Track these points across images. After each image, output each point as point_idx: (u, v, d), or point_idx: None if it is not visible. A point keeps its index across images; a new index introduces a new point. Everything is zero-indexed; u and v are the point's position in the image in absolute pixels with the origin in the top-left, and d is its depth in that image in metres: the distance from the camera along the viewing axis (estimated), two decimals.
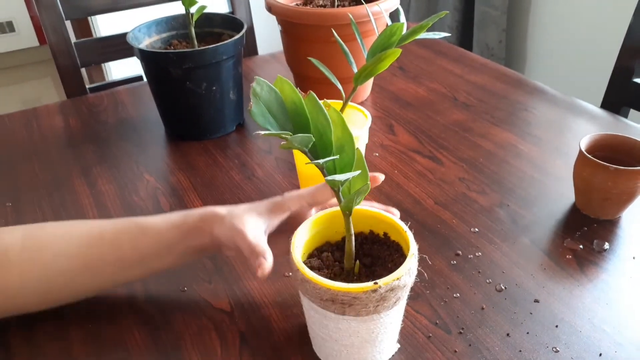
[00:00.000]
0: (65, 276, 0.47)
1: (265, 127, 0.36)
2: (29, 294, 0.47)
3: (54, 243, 0.48)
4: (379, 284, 0.38)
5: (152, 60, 0.78)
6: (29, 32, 2.81)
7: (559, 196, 0.66)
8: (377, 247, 0.45)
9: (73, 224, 0.51)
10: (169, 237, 0.48)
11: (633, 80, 0.90)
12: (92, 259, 0.48)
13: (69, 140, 0.84)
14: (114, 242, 0.48)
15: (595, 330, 0.49)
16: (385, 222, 0.46)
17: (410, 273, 0.40)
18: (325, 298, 0.38)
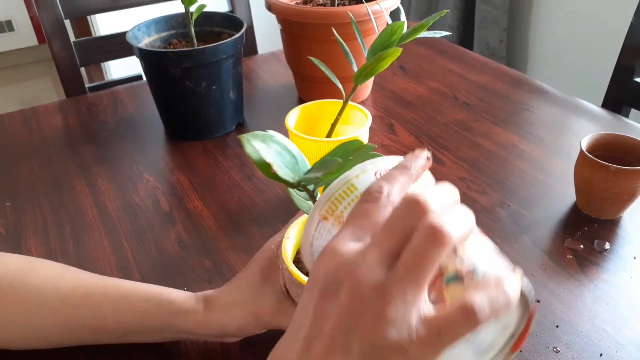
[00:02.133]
0: (46, 329, 0.46)
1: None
2: (8, 334, 0.46)
3: (40, 292, 0.45)
4: None
5: (151, 59, 0.77)
6: (28, 32, 2.81)
7: (559, 196, 0.66)
8: None
9: (63, 273, 0.48)
10: (155, 320, 0.46)
11: (634, 79, 0.89)
12: (72, 320, 0.45)
13: (69, 140, 0.84)
14: (97, 310, 0.45)
15: (596, 330, 0.49)
16: None
17: None
18: None
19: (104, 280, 0.47)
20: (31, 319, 0.45)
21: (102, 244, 0.62)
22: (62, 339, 0.47)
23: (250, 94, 0.96)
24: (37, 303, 0.45)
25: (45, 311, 0.45)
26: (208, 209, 0.67)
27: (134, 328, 0.45)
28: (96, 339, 0.47)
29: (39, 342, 0.47)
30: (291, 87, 0.97)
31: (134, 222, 0.65)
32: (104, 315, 0.45)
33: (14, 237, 0.64)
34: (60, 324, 0.45)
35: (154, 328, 0.45)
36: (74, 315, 0.45)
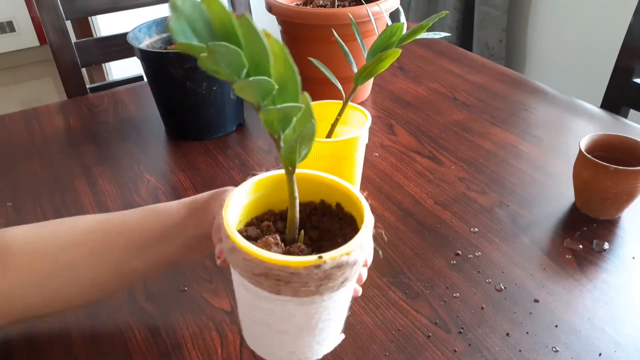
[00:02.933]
0: (71, 268, 0.44)
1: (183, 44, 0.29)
2: (34, 293, 0.44)
3: (59, 235, 0.45)
4: (323, 258, 0.31)
5: (152, 60, 0.78)
6: (29, 32, 2.81)
7: (558, 196, 0.66)
8: (327, 219, 0.39)
9: (78, 217, 0.48)
10: (177, 216, 0.45)
11: (633, 80, 0.90)
12: (98, 244, 0.45)
13: (70, 140, 0.84)
14: (121, 224, 0.45)
15: (595, 330, 0.49)
16: (339, 190, 0.39)
17: (362, 248, 0.33)
18: (257, 272, 0.32)
19: (111, 213, 0.48)
20: (53, 264, 0.44)
21: None
22: (90, 272, 0.45)
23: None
24: (56, 245, 0.44)
25: (67, 248, 0.44)
26: None
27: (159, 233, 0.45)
28: (122, 265, 0.45)
29: (68, 290, 0.45)
30: None
31: None
32: (128, 227, 0.45)
33: None
34: (85, 254, 0.44)
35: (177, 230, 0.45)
36: (97, 240, 0.45)
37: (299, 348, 0.36)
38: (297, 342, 0.36)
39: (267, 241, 0.34)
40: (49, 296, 0.45)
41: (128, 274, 0.46)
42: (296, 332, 0.35)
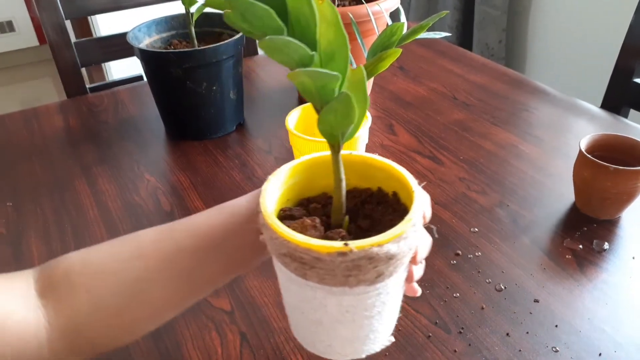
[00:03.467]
0: (138, 283, 0.39)
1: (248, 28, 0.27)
2: (100, 318, 0.39)
3: (119, 251, 0.40)
4: (350, 245, 0.28)
5: (152, 60, 0.78)
6: (28, 32, 2.81)
7: (558, 196, 0.66)
8: (381, 208, 0.36)
9: (138, 232, 0.42)
10: (242, 211, 0.40)
11: (633, 80, 0.90)
12: (165, 252, 0.40)
13: (70, 140, 0.84)
14: (187, 227, 0.41)
15: (595, 330, 0.49)
16: (396, 178, 0.35)
17: (400, 242, 0.30)
18: (282, 252, 0.30)
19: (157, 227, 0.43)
20: (119, 279, 0.39)
21: None
22: (166, 281, 0.40)
23: (250, 95, 0.96)
24: (119, 258, 0.40)
25: (134, 259, 0.39)
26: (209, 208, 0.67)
27: (225, 233, 0.40)
28: (198, 264, 0.40)
29: (138, 307, 0.40)
30: (291, 87, 0.97)
31: (135, 222, 0.66)
32: (196, 227, 0.40)
33: (15, 237, 0.64)
34: (155, 261, 0.39)
35: (234, 232, 0.40)
36: (166, 247, 0.40)
37: (337, 342, 0.34)
38: (332, 335, 0.34)
39: (304, 223, 0.32)
40: (116, 322, 0.39)
41: (200, 282, 0.41)
42: (330, 324, 0.33)
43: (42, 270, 0.40)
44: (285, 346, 0.49)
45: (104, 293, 0.39)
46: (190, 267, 0.40)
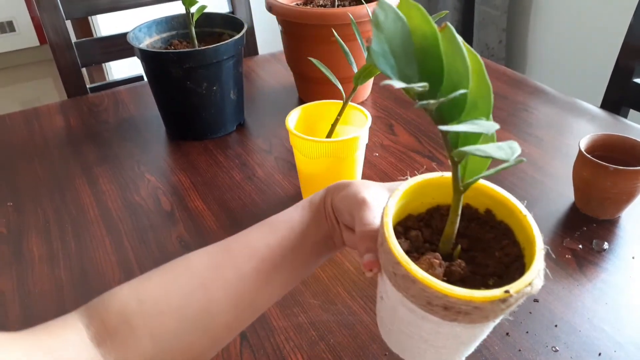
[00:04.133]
0: (203, 316, 0.37)
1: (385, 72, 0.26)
2: (166, 359, 0.37)
3: (174, 279, 0.38)
4: (510, 292, 0.29)
5: (152, 60, 0.78)
6: (29, 32, 2.81)
7: (558, 196, 0.66)
8: (475, 226, 0.36)
9: (188, 256, 0.40)
10: (297, 224, 0.40)
11: (633, 80, 0.90)
12: (226, 280, 0.38)
13: (70, 140, 0.85)
14: (244, 249, 0.39)
15: (595, 329, 0.49)
16: (490, 196, 0.35)
17: (540, 275, 0.31)
18: (435, 303, 0.30)
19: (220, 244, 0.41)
20: (184, 311, 0.37)
21: (104, 243, 0.62)
22: (230, 309, 0.38)
23: (251, 95, 0.96)
24: (178, 296, 0.37)
25: (194, 295, 0.37)
26: (209, 208, 0.68)
27: (284, 251, 0.39)
28: (260, 286, 0.39)
29: (208, 331, 0.38)
30: (291, 87, 0.97)
31: (136, 222, 0.66)
32: (255, 250, 0.39)
33: (16, 236, 0.64)
34: (216, 293, 0.38)
35: (303, 236, 0.40)
36: (227, 275, 0.38)
37: (451, 357, 0.35)
38: (452, 354, 0.35)
39: (431, 262, 0.32)
40: (184, 352, 0.37)
41: (262, 303, 0.40)
42: (455, 347, 0.34)
43: (91, 313, 0.36)
44: (285, 345, 0.49)
45: (168, 334, 0.36)
46: (252, 291, 0.38)
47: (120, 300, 0.37)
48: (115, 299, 0.37)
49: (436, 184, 0.35)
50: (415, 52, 0.26)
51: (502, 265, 0.33)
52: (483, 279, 0.32)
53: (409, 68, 0.26)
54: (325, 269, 0.57)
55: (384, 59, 0.26)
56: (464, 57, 0.26)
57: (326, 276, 0.56)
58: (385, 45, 0.26)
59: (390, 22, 0.26)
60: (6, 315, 0.53)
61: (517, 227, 0.34)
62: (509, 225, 0.35)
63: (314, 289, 0.55)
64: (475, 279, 0.32)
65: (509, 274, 0.32)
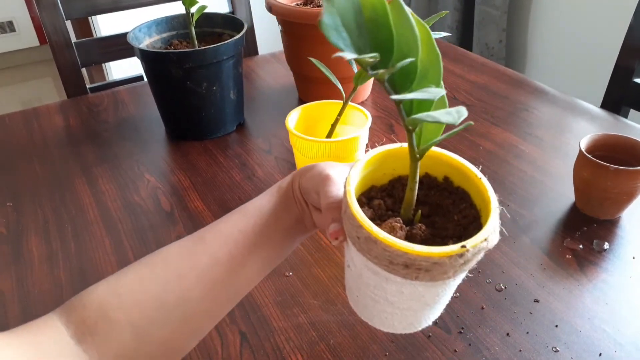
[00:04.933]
0: (181, 305, 0.38)
1: (337, 44, 0.27)
2: (149, 349, 0.37)
3: (150, 272, 0.38)
4: (467, 247, 0.30)
5: (152, 60, 0.78)
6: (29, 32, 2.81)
7: (559, 196, 0.66)
8: (435, 193, 0.37)
9: (162, 251, 0.40)
10: (269, 209, 0.41)
11: (633, 80, 0.90)
12: (202, 269, 0.38)
13: (70, 140, 0.84)
14: (218, 237, 0.40)
15: (595, 330, 0.49)
16: (447, 163, 0.37)
17: (496, 231, 0.33)
18: (397, 262, 0.31)
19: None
20: (164, 300, 0.37)
21: (103, 243, 0.62)
22: (208, 296, 0.39)
23: (250, 95, 0.96)
24: (158, 285, 0.38)
25: (172, 284, 0.38)
26: (209, 208, 0.67)
27: (258, 229, 0.40)
28: (234, 273, 0.39)
29: (187, 319, 0.38)
30: (291, 87, 0.97)
31: (135, 222, 0.66)
32: (229, 237, 0.39)
33: (15, 236, 0.64)
34: (194, 281, 0.38)
35: (275, 220, 0.40)
36: (203, 263, 0.39)
37: (418, 320, 0.37)
38: (416, 316, 0.36)
39: (393, 226, 0.33)
40: (164, 349, 0.38)
41: (238, 287, 0.41)
42: (419, 308, 0.35)
43: (69, 311, 0.36)
44: (285, 346, 0.49)
45: (148, 324, 0.37)
46: (228, 276, 0.39)
47: (98, 296, 0.37)
48: (93, 296, 0.37)
49: (396, 155, 0.37)
50: (366, 24, 0.27)
51: (460, 227, 0.34)
52: (443, 240, 0.33)
53: (360, 40, 0.27)
54: (325, 269, 0.57)
55: (336, 32, 0.27)
56: (413, 27, 0.26)
57: (326, 276, 0.56)
58: (337, 18, 0.27)
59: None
60: (5, 315, 0.53)
61: (473, 191, 0.36)
62: (466, 190, 0.36)
63: (314, 289, 0.55)
64: (435, 241, 0.33)
65: (467, 234, 0.33)
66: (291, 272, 0.57)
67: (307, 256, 0.59)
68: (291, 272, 0.57)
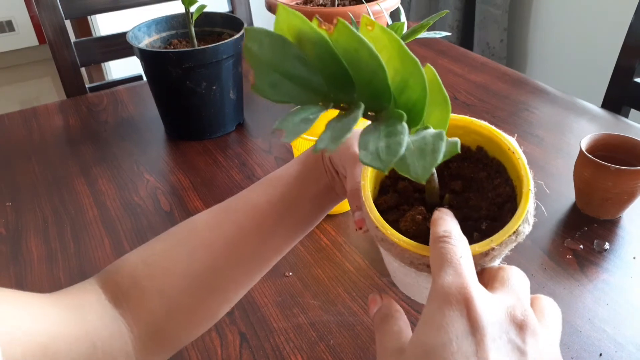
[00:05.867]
0: (209, 274, 0.38)
1: (282, 100, 0.25)
2: (178, 317, 0.38)
3: (177, 242, 0.39)
4: (492, 245, 0.28)
5: (152, 59, 0.77)
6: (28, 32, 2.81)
7: (559, 196, 0.66)
8: (468, 165, 0.33)
9: (191, 220, 0.40)
10: (296, 179, 0.40)
11: (634, 79, 0.89)
12: (230, 238, 0.38)
13: (69, 140, 0.84)
14: (247, 207, 0.40)
15: (596, 330, 0.49)
16: (480, 133, 0.33)
17: (528, 218, 0.30)
18: (418, 263, 0.29)
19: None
20: (191, 268, 0.38)
21: (103, 243, 0.62)
22: (229, 261, 0.39)
23: (250, 94, 0.96)
24: (186, 254, 0.38)
25: (199, 252, 0.38)
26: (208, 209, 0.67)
27: (284, 205, 0.39)
28: (262, 242, 0.39)
29: (217, 289, 0.39)
30: None
31: (135, 222, 0.65)
32: (257, 207, 0.39)
33: (15, 236, 0.64)
34: (221, 250, 0.38)
35: (302, 188, 0.40)
36: (230, 233, 0.39)
37: None
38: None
39: (415, 219, 0.30)
40: (194, 318, 0.38)
41: (266, 257, 0.40)
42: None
43: (105, 278, 0.38)
44: (285, 347, 0.48)
45: (176, 293, 0.37)
46: (255, 247, 0.39)
47: (130, 264, 0.38)
48: (125, 264, 0.38)
49: None
50: (313, 60, 0.23)
51: (494, 206, 0.31)
52: (475, 223, 0.30)
53: (313, 79, 0.24)
54: (326, 269, 0.57)
55: (274, 90, 0.24)
56: (369, 48, 0.22)
57: (326, 277, 0.56)
58: (272, 74, 0.23)
59: (266, 49, 0.23)
60: None
61: (508, 164, 0.32)
62: (502, 162, 0.32)
63: (314, 289, 0.54)
64: (467, 225, 0.30)
65: (501, 216, 0.30)
66: (291, 273, 0.57)
67: (307, 256, 0.59)
68: (291, 272, 0.57)
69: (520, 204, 0.29)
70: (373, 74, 0.23)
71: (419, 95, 0.24)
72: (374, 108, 0.25)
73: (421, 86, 0.24)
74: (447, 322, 0.24)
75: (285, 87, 0.24)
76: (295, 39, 0.23)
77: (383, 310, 0.30)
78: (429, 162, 0.22)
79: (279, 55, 0.23)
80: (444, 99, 0.26)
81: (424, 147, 0.23)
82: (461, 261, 0.26)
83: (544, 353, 0.24)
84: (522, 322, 0.25)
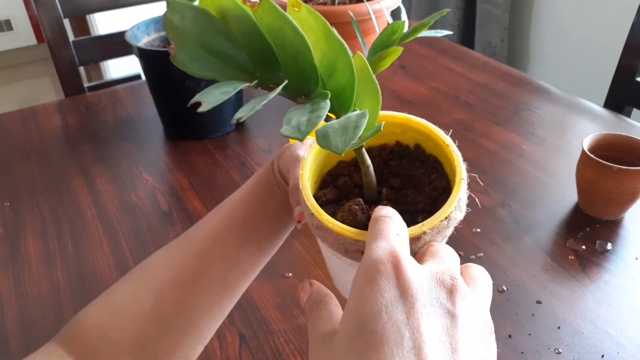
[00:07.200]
0: (174, 301, 0.37)
1: (204, 75, 0.24)
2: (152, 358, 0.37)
3: (139, 284, 0.38)
4: (423, 229, 0.28)
5: (150, 58, 0.77)
6: (26, 31, 2.80)
7: (561, 196, 0.66)
8: (407, 163, 0.34)
9: (138, 266, 0.39)
10: (252, 196, 0.41)
11: (636, 79, 0.89)
12: (195, 264, 0.38)
13: (67, 140, 0.84)
14: (206, 237, 0.39)
15: (598, 331, 0.48)
16: (417, 130, 0.34)
17: (460, 206, 0.30)
18: (352, 249, 0.29)
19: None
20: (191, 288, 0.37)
21: (101, 244, 0.62)
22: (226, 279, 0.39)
23: (250, 94, 0.95)
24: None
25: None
26: (207, 209, 0.67)
27: (251, 220, 0.40)
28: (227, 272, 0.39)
29: (204, 302, 0.38)
30: None
31: (133, 222, 0.65)
32: (230, 222, 0.40)
33: (13, 237, 0.63)
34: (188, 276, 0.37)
35: (263, 207, 0.40)
36: (202, 254, 0.38)
37: None
38: None
39: (352, 209, 0.31)
40: (180, 342, 0.37)
41: (239, 284, 0.40)
42: None
43: (69, 338, 0.36)
44: (285, 348, 0.48)
45: (149, 339, 0.36)
46: (221, 275, 0.38)
47: (94, 318, 0.36)
48: (89, 320, 0.36)
49: None
50: (238, 36, 0.23)
51: (430, 200, 0.32)
52: (412, 216, 0.31)
53: (237, 56, 0.23)
54: (325, 270, 0.57)
55: (198, 63, 0.23)
56: (293, 25, 0.22)
57: (326, 278, 0.56)
58: (195, 47, 0.23)
59: (189, 22, 0.22)
60: (3, 316, 0.53)
61: (444, 160, 0.33)
62: (438, 158, 0.33)
63: None
64: (404, 218, 0.30)
65: (436, 208, 0.30)
66: (291, 274, 0.56)
67: (307, 257, 0.58)
68: (291, 273, 0.56)
69: (452, 192, 0.30)
70: (298, 53, 0.23)
71: (347, 79, 0.24)
72: (303, 91, 0.25)
73: (349, 69, 0.24)
74: (377, 292, 0.23)
75: (208, 61, 0.23)
76: (220, 14, 0.22)
77: (313, 297, 0.29)
78: (349, 137, 0.22)
79: (202, 30, 0.23)
80: (374, 88, 0.25)
81: (346, 124, 0.23)
82: (396, 237, 0.26)
83: (475, 316, 0.24)
84: (451, 285, 0.24)
